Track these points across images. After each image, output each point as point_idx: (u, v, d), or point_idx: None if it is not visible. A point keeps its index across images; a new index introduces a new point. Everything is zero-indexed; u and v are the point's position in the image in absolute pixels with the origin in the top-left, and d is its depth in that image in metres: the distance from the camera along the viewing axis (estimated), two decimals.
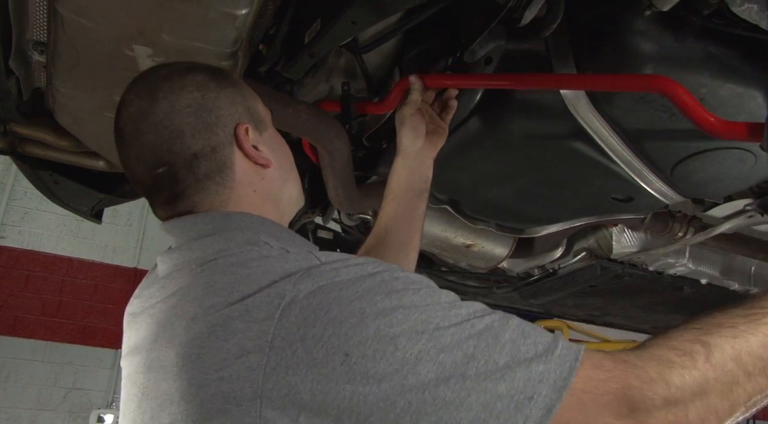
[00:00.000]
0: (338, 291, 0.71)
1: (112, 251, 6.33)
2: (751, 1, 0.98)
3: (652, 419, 0.68)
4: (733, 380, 0.72)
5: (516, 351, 0.70)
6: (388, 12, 1.10)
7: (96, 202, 2.15)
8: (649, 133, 1.33)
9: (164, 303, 0.82)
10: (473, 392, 0.67)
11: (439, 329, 0.69)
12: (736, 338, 0.73)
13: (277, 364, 0.68)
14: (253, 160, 0.93)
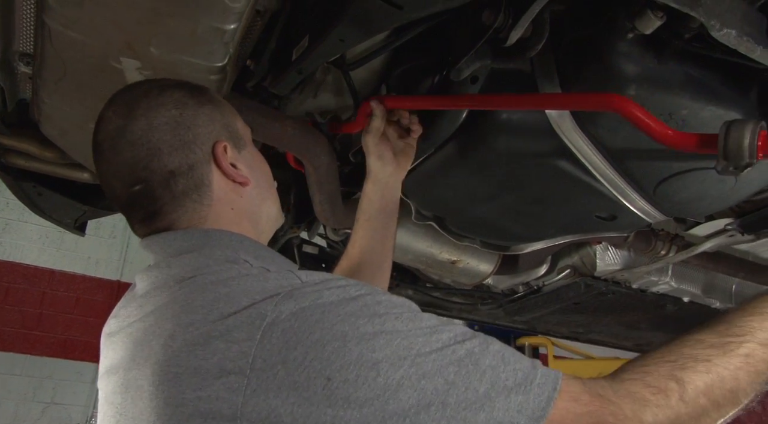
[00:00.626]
0: (321, 314, 0.71)
1: (95, 263, 6.26)
2: (730, 27, 1.00)
3: None
4: (703, 413, 0.74)
5: (496, 379, 0.70)
6: (376, 30, 1.11)
7: (80, 214, 2.13)
8: (632, 152, 1.35)
9: (142, 322, 0.81)
10: (453, 421, 0.67)
11: (421, 355, 0.69)
12: (709, 373, 0.75)
13: (257, 386, 0.67)
14: (231, 178, 0.93)
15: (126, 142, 0.87)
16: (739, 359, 0.77)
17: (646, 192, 1.48)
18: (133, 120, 0.88)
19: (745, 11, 1.06)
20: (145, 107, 0.89)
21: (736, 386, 0.76)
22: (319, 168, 1.50)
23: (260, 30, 1.23)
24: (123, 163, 0.88)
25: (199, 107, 0.92)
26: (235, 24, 1.05)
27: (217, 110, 0.95)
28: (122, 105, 0.90)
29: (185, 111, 0.90)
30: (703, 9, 0.99)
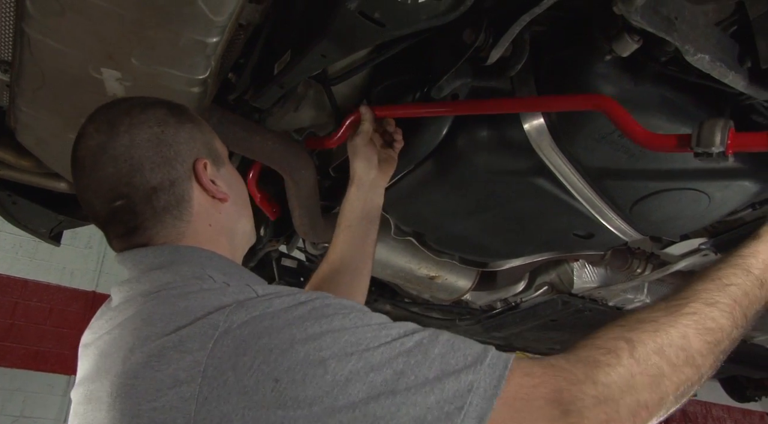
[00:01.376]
0: (270, 320, 0.72)
1: (69, 273, 6.16)
2: (704, 52, 1.03)
3: (585, 419, 0.70)
4: (658, 373, 0.74)
5: (445, 364, 0.71)
6: (358, 47, 1.12)
7: (55, 224, 2.10)
8: (609, 172, 1.37)
9: (109, 334, 0.82)
10: (403, 407, 0.67)
11: (369, 350, 0.70)
12: (657, 332, 0.76)
13: (209, 394, 0.68)
14: (211, 194, 0.94)
15: (108, 157, 0.88)
16: (686, 317, 0.79)
17: (622, 211, 1.50)
18: (116, 136, 0.89)
19: (718, 37, 1.09)
20: (127, 124, 0.90)
21: (687, 345, 0.77)
22: (299, 182, 1.50)
23: (243, 43, 1.23)
24: (105, 178, 0.89)
25: (180, 125, 0.94)
26: (218, 37, 1.05)
27: (197, 129, 0.97)
28: (104, 122, 0.91)
29: (167, 129, 0.92)
30: (678, 34, 1.01)
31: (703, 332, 0.78)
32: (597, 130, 1.24)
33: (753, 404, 4.27)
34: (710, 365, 0.79)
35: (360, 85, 1.52)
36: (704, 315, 0.80)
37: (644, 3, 0.96)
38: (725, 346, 0.81)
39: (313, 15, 1.13)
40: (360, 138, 1.35)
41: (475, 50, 1.14)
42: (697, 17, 1.07)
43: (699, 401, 7.21)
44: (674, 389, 0.75)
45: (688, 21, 1.04)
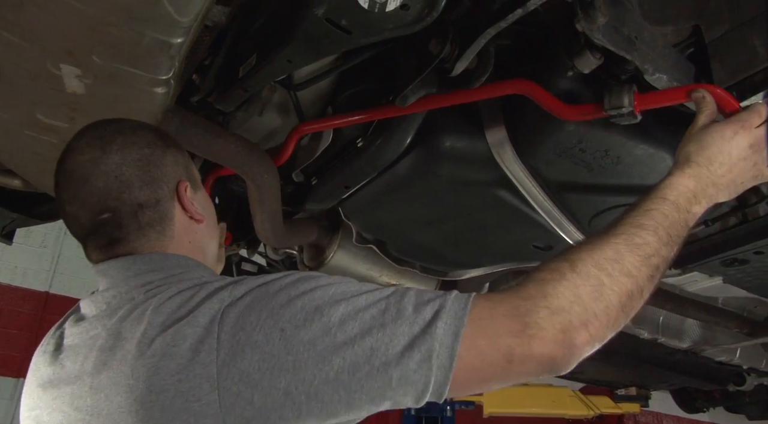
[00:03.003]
0: (266, 287, 0.83)
1: (22, 273, 5.98)
2: (662, 72, 1.06)
3: (542, 330, 0.80)
4: (599, 283, 0.85)
5: (419, 299, 0.83)
6: (324, 53, 1.12)
7: (8, 222, 2.04)
8: (569, 185, 1.39)
9: (106, 332, 0.87)
10: (393, 336, 0.78)
11: (355, 296, 0.82)
12: (592, 251, 0.88)
13: (225, 356, 0.77)
14: (190, 214, 1.02)
15: (100, 172, 0.94)
16: (616, 237, 0.90)
17: (581, 224, 1.53)
18: (109, 153, 0.96)
19: (676, 58, 1.12)
20: (120, 143, 0.97)
21: (621, 258, 0.87)
22: (261, 187, 1.49)
23: (208, 45, 1.22)
24: (94, 192, 0.95)
25: (166, 149, 1.01)
26: (182, 38, 1.04)
27: (179, 153, 1.05)
28: (96, 138, 0.98)
29: (155, 150, 1.00)
30: (638, 53, 1.04)
31: (633, 247, 0.89)
32: (558, 144, 1.26)
33: (702, 415, 4.38)
34: (645, 276, 0.88)
35: (325, 92, 1.52)
36: (632, 234, 0.91)
37: (606, 22, 0.98)
38: (656, 261, 0.90)
39: (280, 20, 1.13)
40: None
41: (440, 61, 1.15)
42: (656, 38, 1.10)
43: (651, 411, 7.37)
44: (616, 298, 0.85)
45: (647, 41, 1.07)
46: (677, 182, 0.99)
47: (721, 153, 1.00)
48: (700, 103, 1.03)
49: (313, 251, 1.96)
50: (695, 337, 2.68)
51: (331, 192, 1.55)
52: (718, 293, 2.32)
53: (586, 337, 0.82)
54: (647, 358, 2.92)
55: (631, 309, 0.87)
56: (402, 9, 0.97)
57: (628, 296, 0.86)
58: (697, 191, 0.99)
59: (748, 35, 1.07)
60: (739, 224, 1.59)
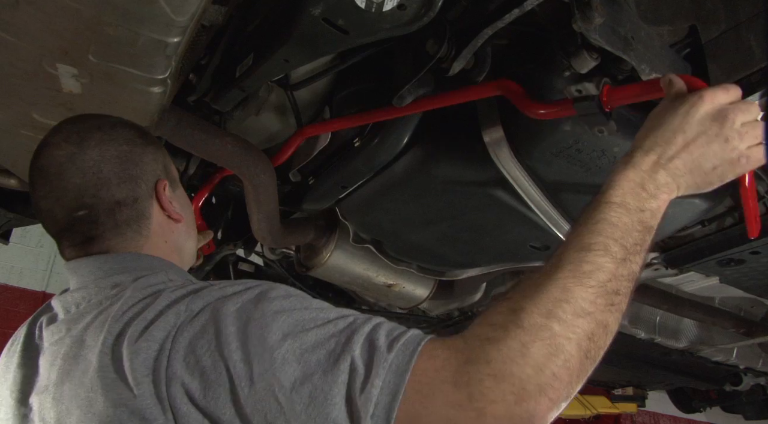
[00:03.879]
0: (222, 305, 0.78)
1: (18, 273, 5.97)
2: (658, 72, 1.06)
3: (491, 403, 0.68)
4: (550, 335, 0.71)
5: (367, 343, 0.73)
6: (321, 53, 1.12)
7: (4, 221, 2.04)
8: (565, 185, 1.39)
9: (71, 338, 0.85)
10: (334, 385, 0.70)
11: (305, 331, 0.74)
12: (537, 295, 0.74)
13: (172, 375, 0.74)
14: (168, 213, 1.01)
15: (77, 169, 0.92)
16: (562, 271, 0.77)
17: None
18: (87, 149, 0.93)
19: (672, 58, 1.12)
20: (98, 139, 0.95)
21: (570, 296, 0.74)
22: (258, 187, 1.48)
23: (204, 45, 1.22)
24: (70, 188, 0.92)
25: (145, 146, 1.00)
26: (179, 37, 1.03)
27: (159, 151, 1.03)
28: (74, 134, 0.95)
29: (134, 148, 0.98)
30: (634, 53, 1.04)
31: (582, 278, 0.76)
32: (555, 144, 1.26)
33: (698, 415, 4.39)
34: (603, 308, 0.75)
35: (322, 92, 1.52)
36: (578, 261, 0.77)
37: (603, 22, 0.98)
38: (615, 285, 0.77)
39: (276, 19, 1.13)
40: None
41: (437, 61, 1.15)
42: (653, 38, 1.10)
43: (647, 411, 7.38)
44: (575, 346, 0.72)
45: (644, 41, 1.07)
46: (620, 178, 0.84)
47: (673, 132, 0.85)
48: (667, 88, 0.90)
49: (310, 250, 1.96)
50: (692, 337, 2.69)
51: (328, 192, 1.55)
52: (714, 293, 2.33)
53: (546, 404, 0.69)
54: (644, 358, 2.92)
55: (596, 351, 0.75)
56: (399, 9, 0.97)
57: (588, 338, 0.73)
58: (646, 183, 0.84)
59: (745, 35, 1.07)
60: (735, 224, 1.60)
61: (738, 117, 0.85)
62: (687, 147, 0.85)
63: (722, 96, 0.86)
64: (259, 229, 1.63)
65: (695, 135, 0.85)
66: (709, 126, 0.85)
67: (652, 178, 0.84)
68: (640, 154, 0.86)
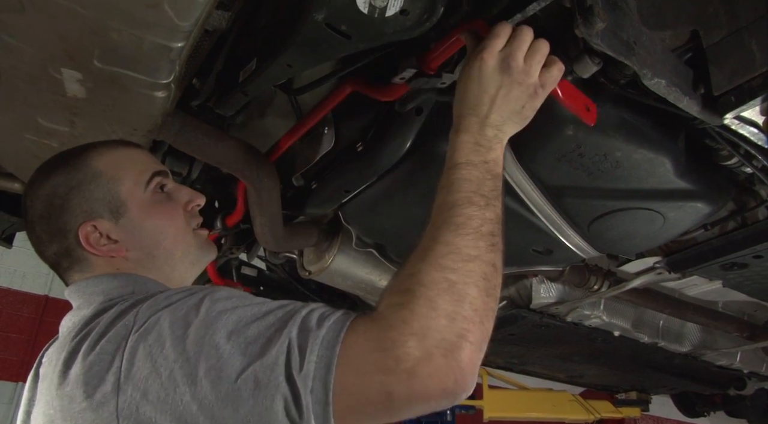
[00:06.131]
0: (168, 313, 0.81)
1: (21, 276, 5.98)
2: (660, 77, 1.06)
3: (420, 362, 0.73)
4: (449, 284, 0.79)
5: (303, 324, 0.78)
6: (324, 58, 1.12)
7: (7, 225, 2.05)
8: (568, 190, 1.39)
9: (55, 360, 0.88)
10: (276, 368, 0.74)
11: (246, 325, 0.78)
12: (426, 254, 0.83)
13: (124, 384, 0.77)
14: (102, 254, 1.00)
15: (28, 224, 1.02)
16: (437, 229, 0.87)
17: (580, 229, 1.53)
18: (28, 208, 1.02)
19: (674, 63, 1.12)
20: (32, 197, 1.02)
21: (453, 248, 0.83)
22: (261, 190, 1.49)
23: (208, 49, 1.22)
24: (33, 240, 1.03)
25: (68, 192, 1.00)
26: (183, 42, 1.04)
27: (92, 185, 1.01)
28: (28, 189, 1.04)
29: (54, 201, 1.00)
30: (636, 58, 1.04)
31: (458, 229, 0.85)
32: (557, 148, 1.27)
33: (702, 419, 4.38)
34: (486, 249, 0.85)
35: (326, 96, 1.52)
36: (449, 217, 0.87)
37: (604, 27, 0.98)
38: (488, 227, 0.87)
39: (280, 24, 1.13)
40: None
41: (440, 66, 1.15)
42: (655, 43, 1.11)
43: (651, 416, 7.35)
44: (474, 289, 0.80)
45: (646, 46, 1.07)
46: (458, 144, 0.96)
47: (478, 96, 0.97)
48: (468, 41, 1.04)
49: (313, 254, 1.96)
50: (695, 341, 2.68)
51: (331, 196, 1.55)
52: (717, 297, 2.33)
53: (469, 348, 0.76)
54: (647, 362, 2.91)
55: (493, 288, 0.83)
56: (401, 14, 0.97)
57: (483, 278, 0.82)
58: (479, 140, 0.96)
59: (746, 40, 1.07)
60: (738, 228, 1.60)
61: (518, 58, 0.97)
62: (494, 102, 0.97)
63: (498, 44, 0.97)
64: (262, 233, 1.63)
65: (495, 90, 0.97)
66: (500, 79, 0.97)
67: (482, 135, 0.97)
68: (464, 121, 0.98)
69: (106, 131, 1.31)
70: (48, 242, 1.00)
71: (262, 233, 1.64)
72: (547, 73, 1.00)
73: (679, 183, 1.33)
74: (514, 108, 0.98)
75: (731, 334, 2.64)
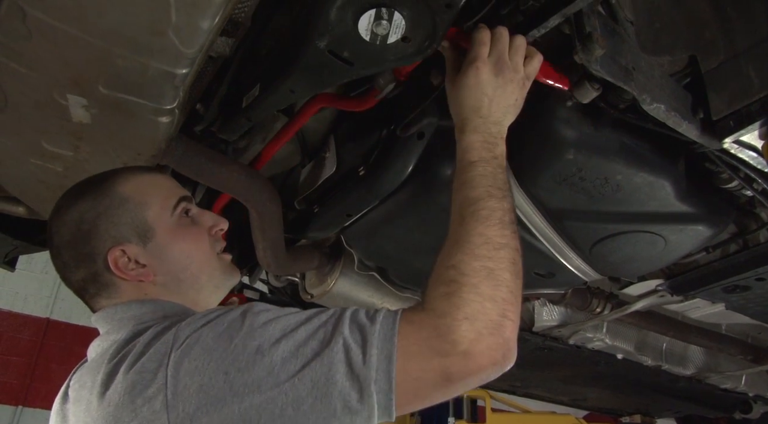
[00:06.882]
0: (210, 328, 0.83)
1: (23, 299, 5.96)
2: (659, 102, 1.07)
3: (473, 343, 0.81)
4: (488, 271, 0.88)
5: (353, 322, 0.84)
6: (327, 84, 1.13)
7: (10, 248, 2.05)
8: (569, 213, 1.40)
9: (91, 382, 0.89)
10: (333, 365, 0.79)
11: (294, 329, 0.83)
12: (462, 247, 0.91)
13: (172, 400, 0.78)
14: (131, 279, 1.01)
15: (54, 250, 1.03)
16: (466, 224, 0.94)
17: (582, 252, 1.53)
18: (53, 234, 1.02)
19: (673, 88, 1.13)
20: (58, 223, 1.02)
21: (485, 237, 0.91)
22: (263, 215, 1.49)
23: (212, 75, 1.24)
24: (59, 267, 1.04)
25: (96, 218, 1.01)
26: (187, 69, 1.05)
27: (120, 210, 1.02)
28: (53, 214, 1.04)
29: (82, 226, 1.00)
30: (635, 84, 1.06)
31: (485, 220, 0.93)
32: (558, 172, 1.27)
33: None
34: (511, 235, 0.94)
35: (328, 120, 1.54)
36: (477, 211, 0.95)
37: (603, 53, 1.00)
38: (509, 216, 0.96)
39: (283, 51, 1.14)
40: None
41: (441, 91, 1.17)
42: (653, 68, 1.12)
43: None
44: (507, 274, 0.89)
45: (644, 72, 1.09)
46: (468, 144, 1.03)
47: (478, 99, 1.05)
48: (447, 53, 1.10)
49: (315, 278, 1.96)
50: (699, 364, 2.67)
51: (333, 220, 1.56)
52: (721, 320, 2.32)
53: (510, 326, 0.85)
54: (651, 385, 2.90)
55: (519, 271, 0.92)
56: (403, 41, 0.99)
57: (513, 262, 0.91)
58: (486, 137, 1.04)
59: (744, 65, 1.08)
60: (739, 250, 1.60)
61: (505, 59, 1.05)
62: (492, 102, 1.05)
63: (485, 50, 1.05)
64: (265, 256, 1.64)
65: (492, 91, 1.05)
66: (495, 81, 1.05)
67: (488, 133, 1.04)
68: (470, 123, 1.05)
69: (110, 156, 1.32)
70: (75, 267, 1.01)
71: (264, 257, 1.64)
72: (530, 65, 1.08)
73: (680, 206, 1.34)
74: (509, 102, 1.06)
75: (735, 356, 2.62)
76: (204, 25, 0.95)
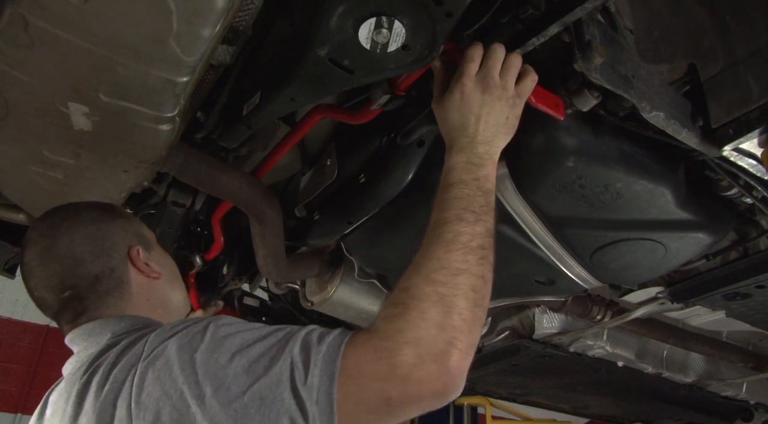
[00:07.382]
0: (174, 340, 0.86)
1: (23, 306, 5.96)
2: (659, 110, 1.07)
3: (414, 368, 0.79)
4: (438, 297, 0.85)
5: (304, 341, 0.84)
6: (327, 92, 1.14)
7: (11, 256, 2.05)
8: (570, 220, 1.40)
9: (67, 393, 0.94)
10: (280, 383, 0.79)
11: (249, 346, 0.84)
12: (418, 269, 0.90)
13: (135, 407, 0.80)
14: (146, 274, 1.11)
15: (53, 257, 1.04)
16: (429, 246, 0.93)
17: (582, 259, 1.53)
18: (58, 238, 1.05)
19: (672, 96, 1.14)
20: (66, 227, 1.06)
21: (444, 263, 0.89)
22: (264, 222, 1.49)
23: (212, 83, 1.24)
24: (52, 274, 1.04)
25: (112, 221, 1.11)
26: (188, 77, 1.06)
27: (127, 222, 1.14)
28: (46, 228, 1.07)
29: (101, 225, 1.09)
30: (635, 92, 1.06)
31: (448, 244, 0.92)
32: (558, 179, 1.28)
33: None
34: (475, 262, 0.90)
35: (329, 128, 1.54)
36: (440, 234, 0.94)
37: (603, 62, 1.00)
38: (478, 242, 0.93)
39: (283, 59, 1.15)
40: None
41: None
42: (653, 76, 1.12)
43: None
44: (462, 300, 0.86)
45: (644, 80, 1.09)
46: (450, 165, 1.02)
47: (465, 118, 1.03)
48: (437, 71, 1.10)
49: (315, 285, 1.96)
50: (700, 371, 2.66)
51: (334, 227, 1.56)
52: (721, 327, 2.31)
53: (457, 354, 0.82)
54: (652, 393, 2.89)
55: (482, 299, 0.89)
56: (403, 50, 0.99)
57: (473, 290, 0.88)
58: (471, 158, 1.02)
59: (743, 73, 1.09)
60: (740, 258, 1.60)
61: (494, 76, 1.04)
62: (480, 121, 1.03)
63: (473, 68, 1.04)
64: (265, 264, 1.64)
65: (479, 109, 1.03)
66: (481, 98, 1.03)
67: (473, 153, 1.02)
68: (456, 142, 1.04)
69: (110, 163, 1.32)
70: (91, 261, 1.05)
71: (264, 264, 1.64)
72: (522, 83, 1.06)
73: (680, 214, 1.34)
74: (498, 120, 1.04)
75: (736, 364, 2.61)
76: (205, 34, 0.96)
